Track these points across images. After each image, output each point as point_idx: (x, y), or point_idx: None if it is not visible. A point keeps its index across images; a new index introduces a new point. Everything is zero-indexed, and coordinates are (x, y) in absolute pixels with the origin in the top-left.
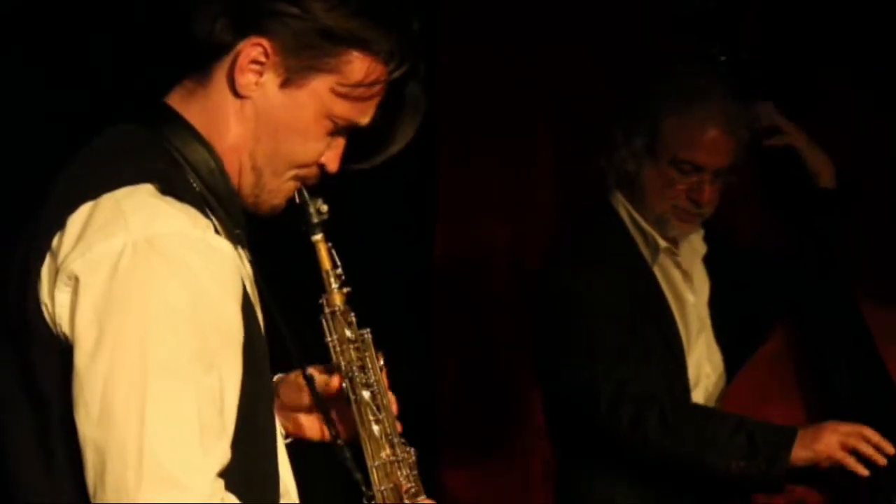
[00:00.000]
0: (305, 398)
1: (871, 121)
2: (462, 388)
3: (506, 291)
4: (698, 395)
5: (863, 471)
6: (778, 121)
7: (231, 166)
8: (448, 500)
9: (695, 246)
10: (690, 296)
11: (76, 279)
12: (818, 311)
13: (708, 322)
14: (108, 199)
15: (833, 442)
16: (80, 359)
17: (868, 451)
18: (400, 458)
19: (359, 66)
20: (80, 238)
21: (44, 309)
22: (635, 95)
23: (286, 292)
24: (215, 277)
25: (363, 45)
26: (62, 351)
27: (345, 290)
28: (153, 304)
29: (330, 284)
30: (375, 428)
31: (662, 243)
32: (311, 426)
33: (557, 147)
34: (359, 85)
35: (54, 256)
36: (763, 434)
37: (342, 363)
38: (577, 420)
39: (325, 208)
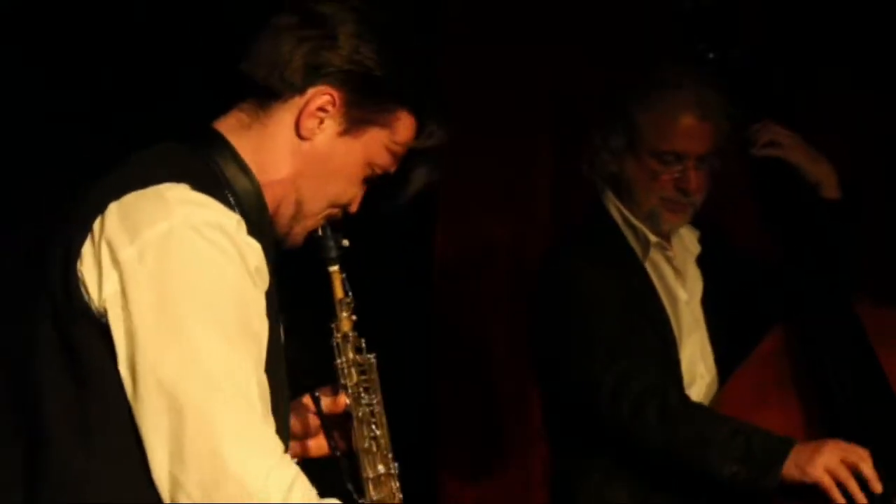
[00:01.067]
0: (307, 423)
1: (871, 121)
2: (462, 387)
3: (506, 291)
4: (693, 395)
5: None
6: (776, 137)
7: (273, 198)
8: (448, 501)
9: (688, 246)
10: (683, 293)
11: (126, 263)
12: (817, 312)
13: (702, 321)
14: (152, 191)
15: (824, 465)
16: (143, 340)
17: (851, 486)
18: (392, 472)
19: (405, 122)
20: (125, 224)
21: (88, 289)
22: (608, 97)
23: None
24: (249, 268)
25: (413, 106)
26: (106, 334)
27: (353, 317)
28: (209, 277)
29: (341, 312)
30: (372, 444)
31: (653, 238)
32: (315, 447)
33: (557, 147)
34: (404, 140)
35: (94, 238)
36: (761, 441)
37: (349, 385)
38: (575, 419)
39: (346, 242)
